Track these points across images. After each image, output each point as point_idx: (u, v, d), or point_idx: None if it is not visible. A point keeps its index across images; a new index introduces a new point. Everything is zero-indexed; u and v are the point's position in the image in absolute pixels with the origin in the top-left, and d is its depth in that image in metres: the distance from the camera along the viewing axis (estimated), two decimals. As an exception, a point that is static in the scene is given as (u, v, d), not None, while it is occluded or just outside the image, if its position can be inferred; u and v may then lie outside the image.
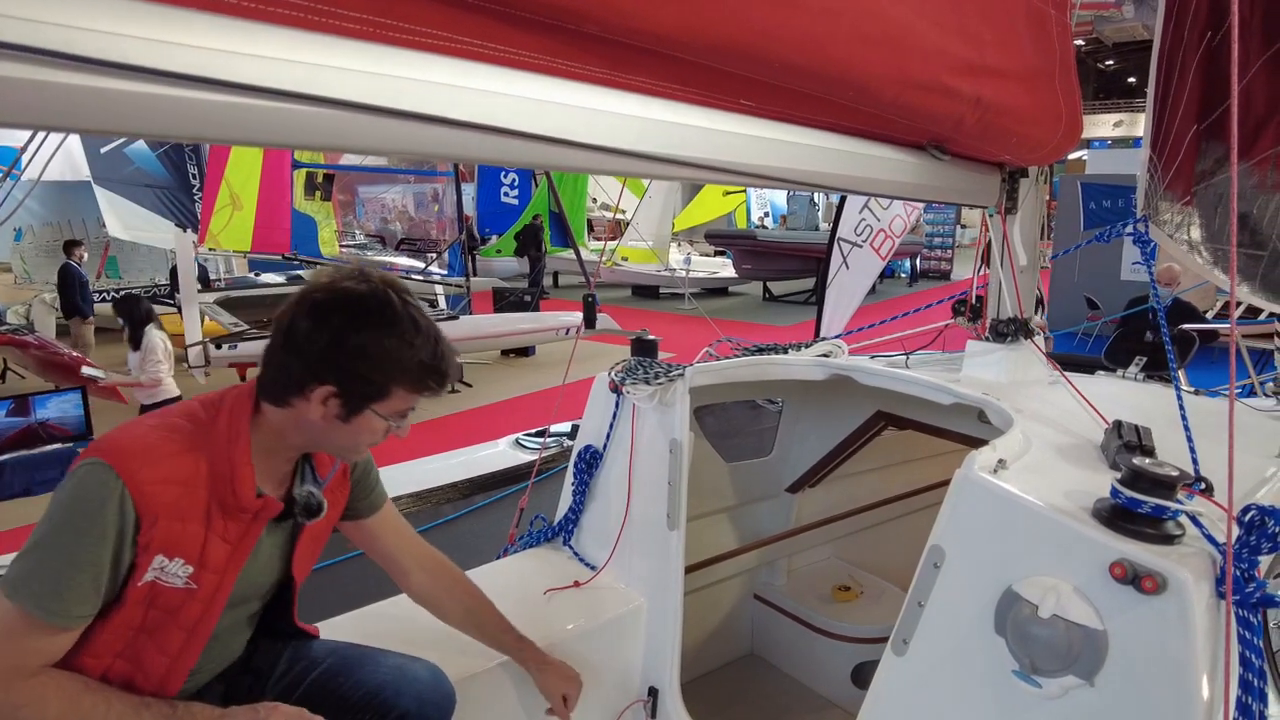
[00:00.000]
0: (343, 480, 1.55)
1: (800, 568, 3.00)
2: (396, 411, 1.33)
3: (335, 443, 1.35)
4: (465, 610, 1.78)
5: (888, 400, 2.52)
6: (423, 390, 1.33)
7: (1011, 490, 1.34)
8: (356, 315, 1.25)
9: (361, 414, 1.30)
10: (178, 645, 1.29)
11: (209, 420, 1.30)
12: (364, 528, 1.67)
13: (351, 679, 1.55)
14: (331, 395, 1.26)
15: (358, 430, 1.31)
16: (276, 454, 1.36)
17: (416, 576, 1.75)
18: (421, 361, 1.29)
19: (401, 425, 1.37)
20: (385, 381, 1.28)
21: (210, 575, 1.27)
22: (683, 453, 1.97)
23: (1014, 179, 2.02)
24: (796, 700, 2.73)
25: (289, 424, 1.31)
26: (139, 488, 1.17)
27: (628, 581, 2.10)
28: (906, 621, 1.46)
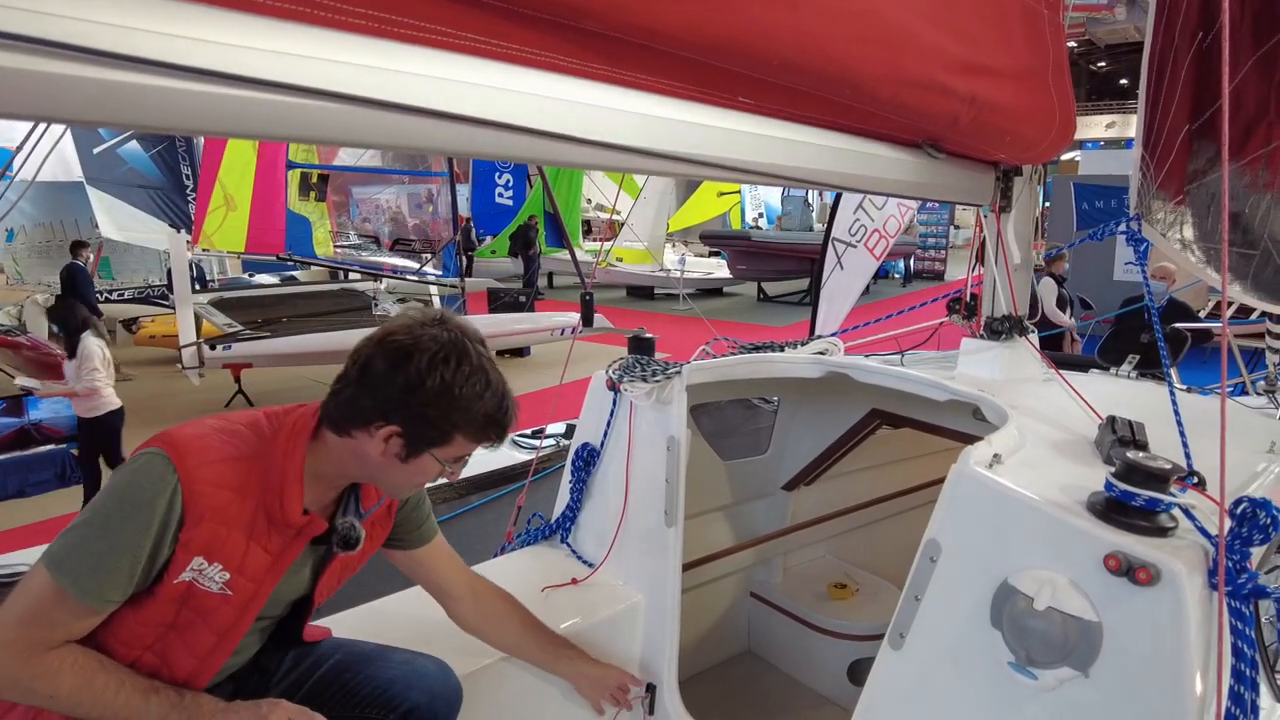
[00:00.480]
0: (386, 516, 1.57)
1: (796, 565, 3.02)
2: (454, 457, 1.35)
3: (388, 479, 1.38)
4: (517, 638, 1.81)
5: (883, 398, 2.53)
6: (483, 441, 1.35)
7: (1007, 485, 1.36)
8: (434, 362, 1.27)
9: (420, 456, 1.32)
10: (207, 647, 1.31)
11: (271, 433, 1.33)
12: (414, 558, 1.70)
13: (359, 675, 1.57)
14: (395, 435, 1.28)
15: (414, 471, 1.34)
16: (326, 479, 1.38)
17: (467, 602, 1.77)
18: (488, 413, 1.32)
19: (454, 469, 1.39)
20: (450, 429, 1.30)
21: (247, 584, 1.30)
22: (680, 450, 1.98)
23: (1008, 177, 2.04)
24: (793, 697, 2.74)
25: (346, 453, 1.33)
26: (192, 485, 1.20)
27: (625, 579, 2.11)
28: (903, 616, 1.47)
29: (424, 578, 1.74)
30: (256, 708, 1.31)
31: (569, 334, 10.70)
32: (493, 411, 1.32)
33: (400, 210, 17.47)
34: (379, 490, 1.50)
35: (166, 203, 13.07)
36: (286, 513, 1.30)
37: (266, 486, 1.28)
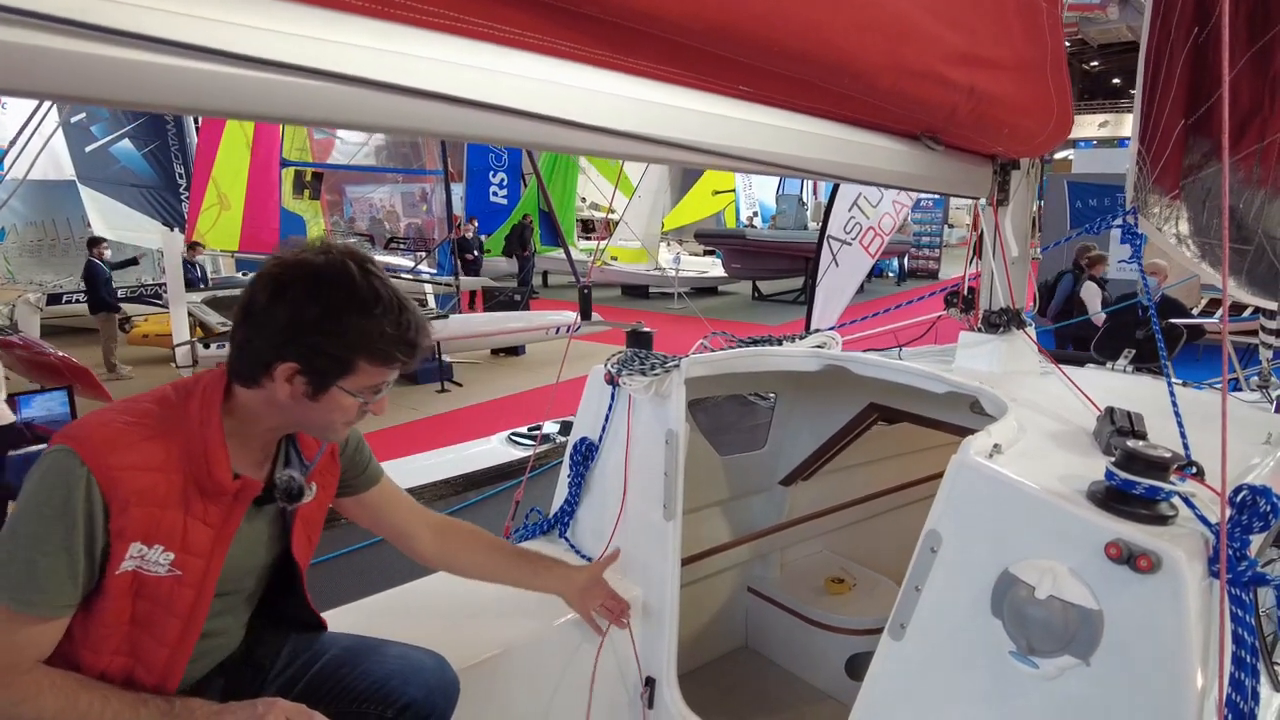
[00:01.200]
0: (331, 462, 1.53)
1: (793, 561, 3.02)
2: (366, 387, 1.29)
3: (309, 422, 1.32)
4: (485, 558, 1.78)
5: (881, 392, 2.54)
6: (390, 363, 1.28)
7: (1007, 474, 1.36)
8: (313, 288, 1.21)
9: (328, 391, 1.26)
10: (175, 634, 1.28)
11: (181, 404, 1.27)
12: (364, 503, 1.66)
13: (356, 670, 1.55)
14: (296, 373, 1.23)
15: (328, 409, 1.28)
16: (254, 436, 1.34)
17: (427, 539, 1.73)
18: (386, 333, 1.25)
19: (374, 401, 1.33)
20: (349, 356, 1.24)
21: (195, 560, 1.25)
22: (679, 444, 1.97)
23: (1005, 171, 2.04)
24: (791, 692, 2.74)
25: (261, 405, 1.29)
26: (106, 474, 1.15)
27: (624, 573, 2.10)
28: (903, 606, 1.47)
29: (379, 521, 1.69)
30: (252, 708, 1.27)
31: (564, 332, 10.70)
32: (391, 330, 1.25)
33: (394, 209, 17.46)
34: (317, 439, 1.46)
35: (159, 201, 13.01)
36: (216, 480, 1.25)
37: (190, 458, 1.23)
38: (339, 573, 3.00)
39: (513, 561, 1.84)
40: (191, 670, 1.37)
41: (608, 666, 2.02)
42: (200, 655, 1.37)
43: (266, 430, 1.34)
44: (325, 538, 3.40)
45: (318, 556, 1.56)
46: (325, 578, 3.30)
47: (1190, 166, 2.64)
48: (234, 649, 1.49)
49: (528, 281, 14.36)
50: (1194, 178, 2.66)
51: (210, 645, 1.40)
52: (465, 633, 1.83)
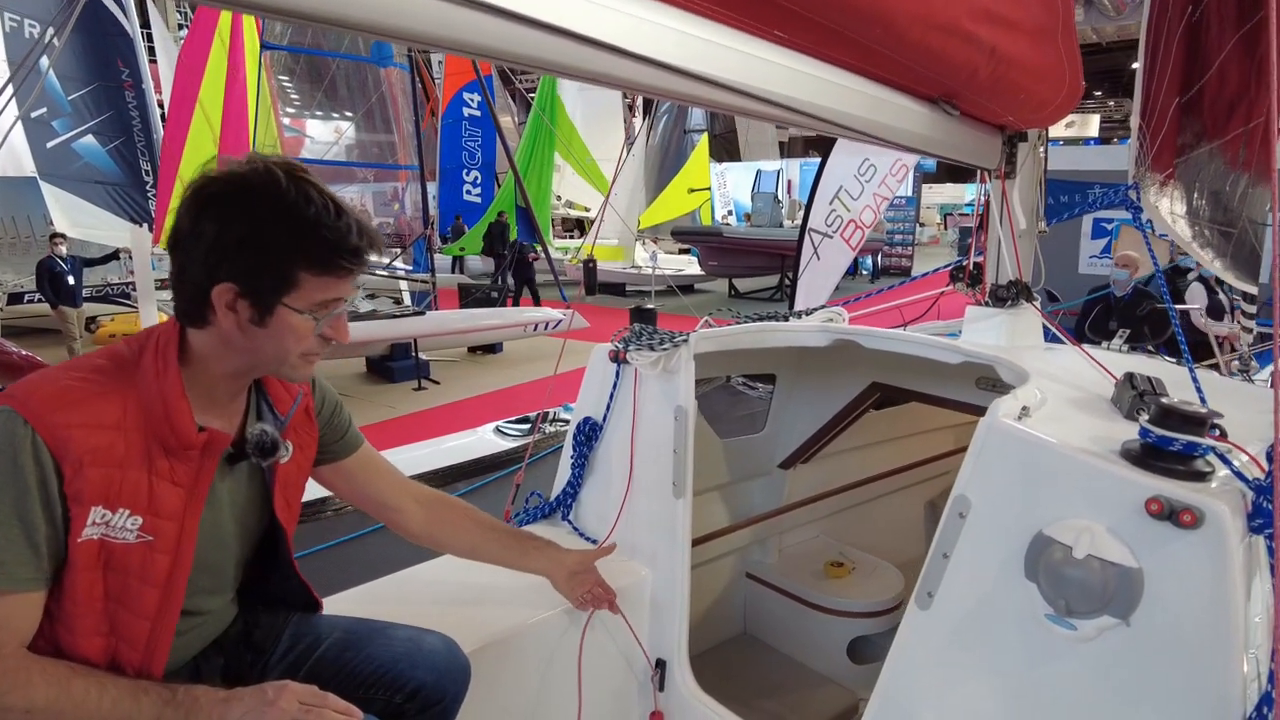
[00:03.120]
0: (308, 420, 1.44)
1: (791, 545, 2.99)
2: (315, 304, 1.19)
3: (265, 355, 1.22)
4: (475, 535, 1.71)
5: (884, 371, 2.52)
6: (334, 270, 1.18)
7: (1039, 435, 1.34)
8: (238, 199, 1.13)
9: (275, 312, 1.17)
10: (154, 605, 1.19)
11: (134, 358, 1.18)
12: (344, 471, 1.58)
13: (361, 653, 1.47)
14: (235, 295, 1.14)
15: (279, 334, 1.19)
16: (216, 386, 1.25)
17: (411, 511, 1.65)
18: (323, 238, 1.15)
19: (326, 319, 1.22)
20: (286, 268, 1.15)
21: (166, 524, 1.17)
22: (688, 420, 1.93)
23: (1013, 143, 2.03)
24: (793, 677, 2.71)
25: (215, 346, 1.20)
26: (52, 432, 1.07)
27: (631, 554, 2.06)
28: (931, 574, 1.44)
29: (360, 492, 1.61)
30: (261, 693, 1.19)
31: (541, 330, 10.62)
32: (329, 234, 1.15)
33: (366, 209, 17.26)
34: (288, 390, 1.39)
35: (125, 199, 12.70)
36: (178, 433, 1.16)
37: (149, 413, 1.14)
38: (336, 562, 2.91)
39: (502, 541, 1.77)
40: (182, 648, 1.30)
41: (615, 650, 1.98)
42: (188, 631, 1.30)
43: (227, 377, 1.25)
44: (320, 527, 3.32)
45: (313, 545, 1.50)
46: (322, 567, 3.22)
47: (1183, 146, 2.65)
48: (227, 626, 1.41)
49: (504, 279, 14.24)
50: (1187, 157, 2.67)
51: (199, 621, 1.33)
52: (472, 615, 1.77)
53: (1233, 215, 2.98)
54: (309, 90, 10.56)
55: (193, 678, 1.32)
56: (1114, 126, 35.89)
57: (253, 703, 1.18)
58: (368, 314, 9.56)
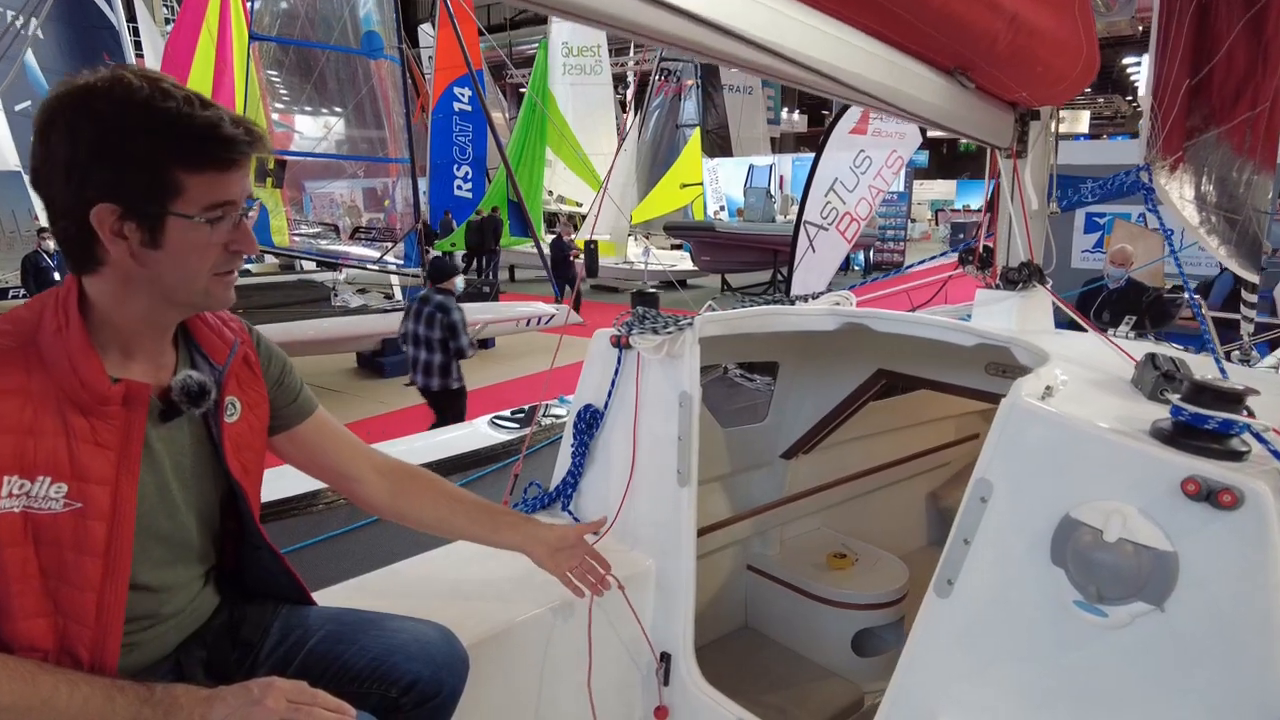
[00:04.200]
0: (253, 377, 1.34)
1: (792, 537, 2.94)
2: (206, 206, 1.09)
3: (171, 283, 1.12)
4: (442, 508, 1.60)
5: (890, 357, 2.47)
6: (213, 164, 1.08)
7: (1066, 414, 1.28)
8: (83, 108, 1.03)
9: (164, 224, 1.07)
10: (97, 574, 1.10)
11: (35, 319, 1.09)
12: (297, 439, 1.47)
13: (354, 645, 1.39)
14: (115, 216, 1.04)
15: (180, 252, 1.09)
16: (131, 336, 1.15)
17: (372, 482, 1.55)
18: (190, 130, 1.05)
19: (224, 222, 1.11)
20: (158, 170, 1.05)
21: (96, 489, 1.08)
22: (693, 406, 1.88)
23: (1025, 122, 1.98)
24: (797, 670, 2.66)
25: (115, 289, 1.10)
26: None
27: (634, 544, 2.00)
28: (950, 561, 1.39)
29: (316, 462, 1.51)
30: (246, 691, 1.12)
31: (534, 325, 10.53)
32: (196, 121, 1.05)
33: (355, 205, 17.12)
34: (222, 338, 1.28)
35: (112, 193, 12.53)
36: (89, 388, 1.07)
37: (58, 373, 1.07)
38: (329, 557, 2.84)
39: (472, 514, 1.64)
40: (158, 640, 1.23)
41: (618, 643, 1.92)
42: (153, 615, 1.22)
43: (141, 322, 1.15)
44: (309, 522, 3.23)
45: (305, 540, 1.43)
46: (315, 562, 3.15)
47: (1192, 129, 2.61)
48: (209, 618, 1.33)
49: (494, 274, 14.15)
50: (1195, 141, 2.63)
51: (165, 603, 1.23)
52: (471, 607, 1.71)
53: (1238, 202, 2.94)
54: (298, 84, 10.44)
55: (174, 674, 1.25)
56: (1104, 123, 36.01)
57: (237, 702, 1.11)
58: (358, 309, 9.47)
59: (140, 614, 1.19)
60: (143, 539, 1.16)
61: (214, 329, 1.29)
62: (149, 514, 1.16)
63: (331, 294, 9.88)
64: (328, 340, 8.97)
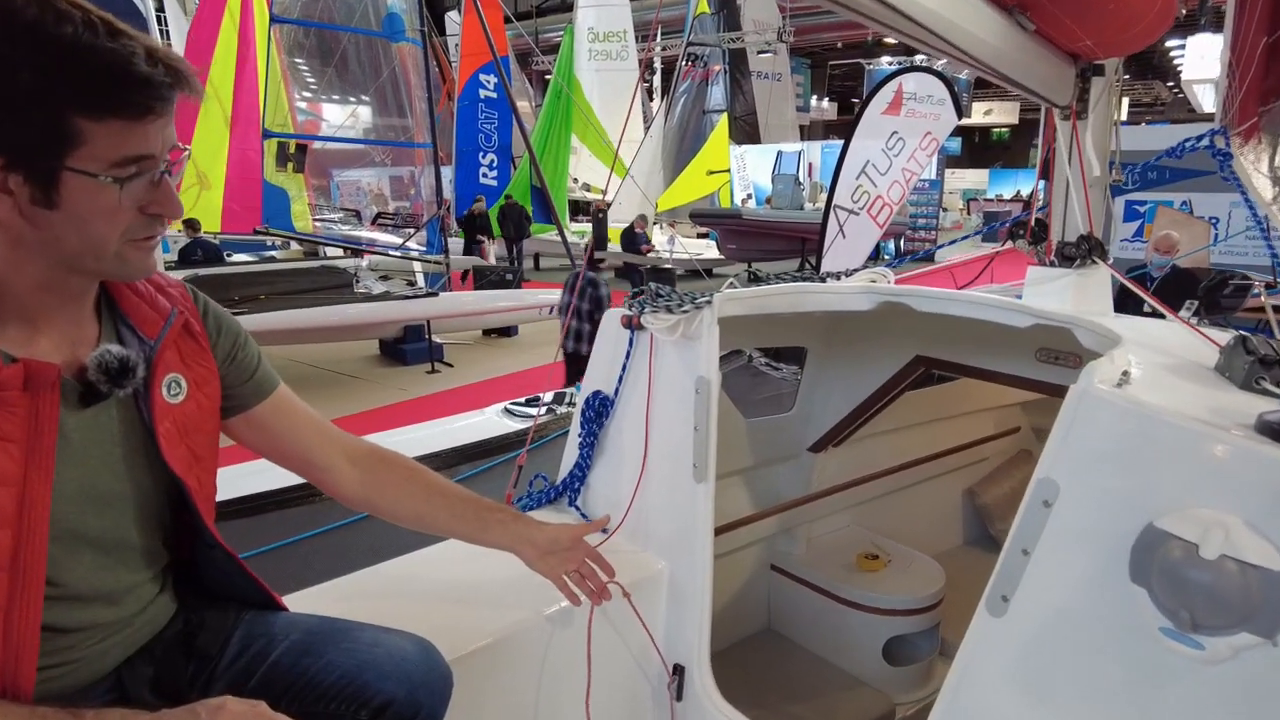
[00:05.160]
0: (198, 350, 1.15)
1: (819, 536, 2.75)
2: (115, 161, 0.90)
3: (72, 247, 0.94)
4: (421, 502, 1.42)
5: (930, 341, 2.26)
6: (122, 110, 0.88)
7: (1149, 404, 1.08)
8: None
9: (60, 182, 0.88)
10: (2, 591, 0.92)
11: None
12: (256, 422, 1.27)
13: (322, 659, 1.22)
14: (1, 165, 0.86)
15: (80, 214, 0.90)
16: (27, 306, 0.96)
17: (342, 470, 1.36)
18: (94, 66, 0.86)
19: (138, 180, 0.92)
20: (52, 115, 0.85)
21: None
22: (710, 392, 1.69)
23: (1087, 78, 1.76)
24: (823, 678, 2.48)
25: (5, 250, 0.92)
26: None
27: (645, 544, 1.83)
28: (1006, 574, 1.19)
29: (278, 447, 1.32)
30: (192, 715, 0.95)
31: (557, 313, 10.38)
32: (102, 56, 0.86)
33: (382, 193, 17.09)
34: (155, 308, 1.10)
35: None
36: None
37: None
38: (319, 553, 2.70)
39: (455, 508, 1.45)
40: (98, 657, 1.07)
41: (626, 653, 1.75)
42: (92, 627, 1.05)
43: (37, 290, 0.97)
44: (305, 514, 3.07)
45: (278, 540, 1.25)
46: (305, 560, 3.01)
47: (1267, 91, 2.36)
48: (159, 623, 1.17)
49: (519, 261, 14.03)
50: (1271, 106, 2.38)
51: (107, 612, 1.07)
52: (457, 616, 1.54)
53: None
54: (319, 68, 10.34)
55: (114, 693, 1.09)
56: (1143, 110, 34.99)
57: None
58: (381, 295, 9.38)
59: (74, 626, 1.04)
60: (67, 544, 1.00)
61: (144, 296, 1.11)
62: (72, 515, 1.00)
63: (354, 280, 9.79)
64: (350, 326, 8.89)
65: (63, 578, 0.99)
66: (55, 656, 1.01)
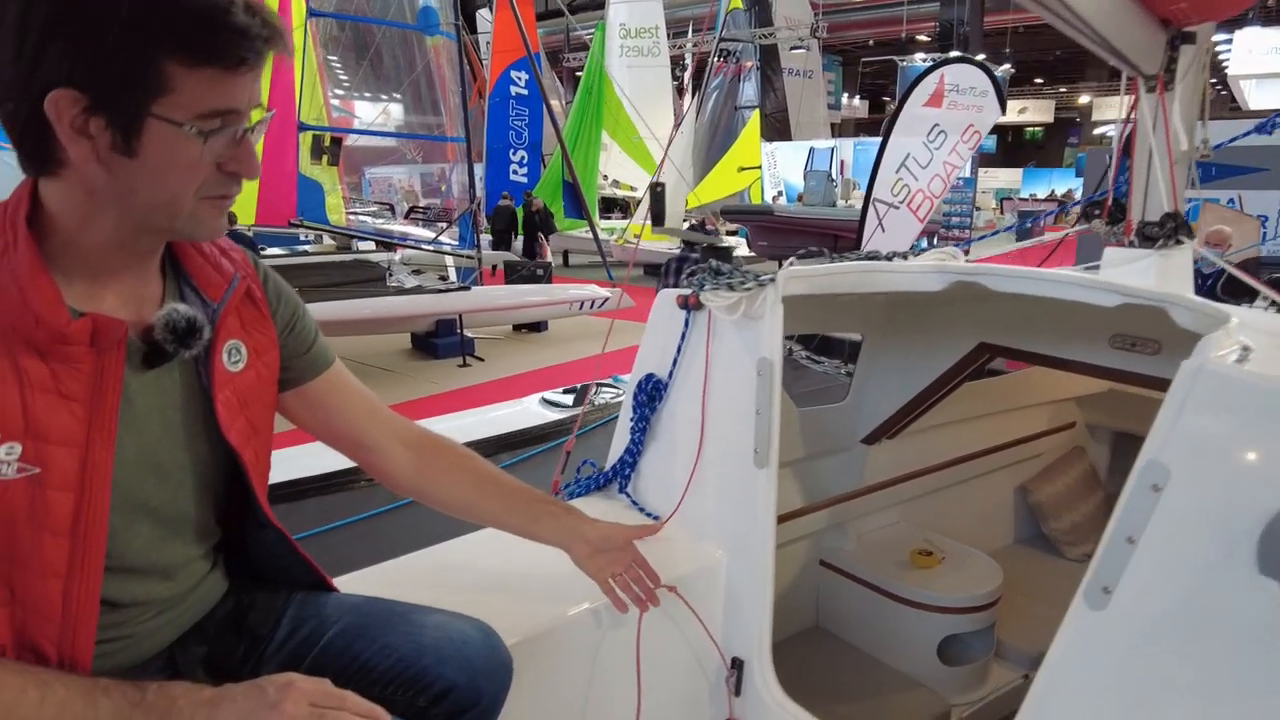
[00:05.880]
0: (259, 317, 1.11)
1: (870, 531, 2.66)
2: (202, 113, 0.85)
3: (145, 201, 0.89)
4: (473, 491, 1.38)
5: (997, 327, 2.17)
6: (216, 58, 0.84)
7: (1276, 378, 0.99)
8: None
9: (144, 128, 0.84)
10: (62, 558, 0.89)
11: None
12: (309, 398, 1.22)
13: (377, 642, 1.17)
14: (82, 108, 0.81)
15: (159, 164, 0.86)
16: (98, 261, 0.92)
17: (395, 454, 1.31)
18: (193, 8, 0.82)
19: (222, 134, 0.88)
20: (143, 55, 0.81)
21: (58, 450, 0.87)
22: (773, 375, 1.62)
23: (1176, 46, 1.66)
24: (874, 678, 2.39)
25: (78, 200, 0.88)
26: None
27: (701, 533, 1.76)
28: (1108, 564, 1.11)
29: (330, 427, 1.27)
30: (260, 692, 0.92)
31: (587, 308, 10.35)
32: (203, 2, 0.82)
33: (413, 189, 17.20)
34: (219, 270, 1.05)
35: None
36: (42, 322, 0.85)
37: (5, 305, 0.85)
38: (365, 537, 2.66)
39: (506, 499, 1.41)
40: (151, 634, 1.03)
41: (682, 646, 1.68)
42: (147, 603, 1.01)
43: (109, 246, 0.92)
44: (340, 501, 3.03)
45: (327, 523, 1.20)
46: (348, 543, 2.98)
47: None
48: (210, 600, 1.13)
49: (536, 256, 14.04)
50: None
51: (162, 588, 1.03)
52: (512, 600, 1.48)
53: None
54: (354, 64, 10.40)
55: (167, 671, 1.05)
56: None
57: (249, 704, 0.90)
58: (413, 289, 9.42)
59: (128, 601, 1.00)
60: (125, 513, 0.95)
61: (209, 258, 1.06)
62: (132, 482, 0.96)
63: (387, 274, 9.84)
64: (382, 320, 8.92)
65: (119, 548, 0.95)
66: (109, 631, 0.97)
